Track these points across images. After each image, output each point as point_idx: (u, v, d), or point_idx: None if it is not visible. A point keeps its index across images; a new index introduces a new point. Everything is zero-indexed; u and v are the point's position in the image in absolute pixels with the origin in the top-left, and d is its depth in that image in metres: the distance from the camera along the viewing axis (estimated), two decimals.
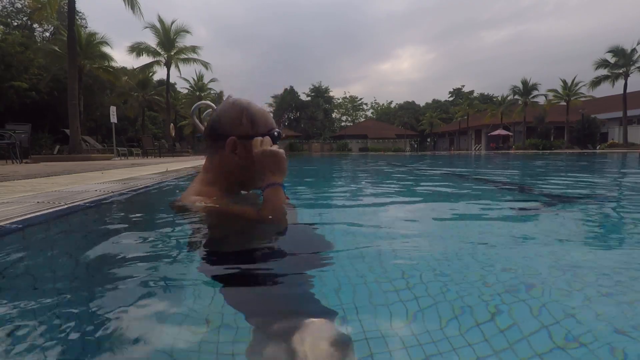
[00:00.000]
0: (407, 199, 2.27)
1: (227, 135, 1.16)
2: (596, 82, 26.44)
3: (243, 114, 1.19)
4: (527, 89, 31.17)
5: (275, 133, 1.19)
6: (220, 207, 1.13)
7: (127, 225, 1.33)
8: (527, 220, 1.52)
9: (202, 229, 1.10)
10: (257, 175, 1.19)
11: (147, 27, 20.56)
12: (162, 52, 21.56)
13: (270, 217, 1.08)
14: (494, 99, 45.01)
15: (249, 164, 1.16)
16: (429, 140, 50.14)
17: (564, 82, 29.24)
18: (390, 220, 1.52)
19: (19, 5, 23.88)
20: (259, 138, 1.15)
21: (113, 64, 19.74)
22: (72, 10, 10.33)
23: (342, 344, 0.52)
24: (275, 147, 1.15)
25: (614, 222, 1.51)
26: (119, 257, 0.91)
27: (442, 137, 49.14)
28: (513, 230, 1.32)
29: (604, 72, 25.97)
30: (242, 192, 1.32)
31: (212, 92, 32.03)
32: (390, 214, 1.68)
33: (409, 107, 55.90)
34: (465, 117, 38.93)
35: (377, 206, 1.92)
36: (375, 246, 1.05)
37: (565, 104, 29.54)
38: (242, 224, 1.12)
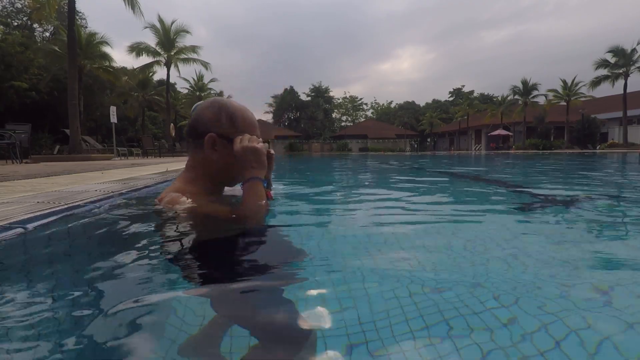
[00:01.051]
0: (404, 197, 2.27)
1: (206, 132, 1.17)
2: (596, 82, 26.43)
3: (222, 112, 1.20)
4: (527, 89, 31.18)
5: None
6: (191, 207, 1.13)
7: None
8: (527, 220, 1.52)
9: (174, 229, 1.08)
10: (238, 172, 1.20)
11: (147, 27, 20.59)
12: (162, 52, 21.57)
13: (244, 214, 1.10)
14: (494, 99, 45.03)
15: (229, 162, 1.18)
16: (429, 140, 50.16)
17: (564, 82, 29.24)
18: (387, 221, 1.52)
19: (19, 5, 23.91)
20: (241, 136, 1.17)
21: (113, 64, 19.76)
22: (72, 10, 10.33)
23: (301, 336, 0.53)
24: (255, 142, 1.16)
25: (616, 222, 1.51)
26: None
27: (442, 137, 49.14)
28: (512, 230, 1.32)
29: (604, 72, 25.97)
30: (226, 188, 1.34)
31: (212, 92, 32.02)
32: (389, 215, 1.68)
33: (409, 107, 55.92)
34: (465, 117, 38.94)
35: (374, 203, 1.92)
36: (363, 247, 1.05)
37: (565, 104, 29.54)
38: (216, 223, 1.11)
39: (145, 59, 21.80)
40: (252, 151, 1.14)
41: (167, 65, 21.72)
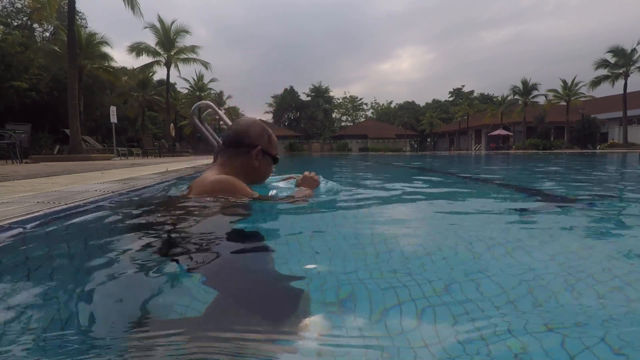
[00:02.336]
0: (403, 197, 2.27)
1: (253, 144, 1.52)
2: (596, 82, 26.43)
3: (264, 132, 1.58)
4: (527, 89, 31.16)
5: (278, 156, 1.66)
6: (261, 196, 1.46)
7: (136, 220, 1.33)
8: (527, 220, 1.52)
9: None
10: (265, 176, 1.65)
11: (147, 27, 20.61)
12: (162, 52, 21.57)
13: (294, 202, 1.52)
14: (494, 99, 45.00)
15: (263, 169, 1.58)
16: (429, 140, 50.14)
17: (564, 82, 29.23)
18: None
19: (19, 5, 23.90)
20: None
21: (113, 64, 19.76)
22: (72, 10, 10.33)
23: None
24: (314, 174, 1.74)
25: (617, 222, 1.51)
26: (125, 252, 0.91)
27: (442, 137, 49.14)
28: (512, 231, 1.32)
29: (604, 72, 25.96)
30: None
31: (212, 92, 32.03)
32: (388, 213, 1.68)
33: (409, 107, 55.89)
34: (465, 117, 38.93)
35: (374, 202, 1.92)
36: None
37: (565, 104, 29.53)
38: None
39: (145, 59, 21.84)
40: (311, 179, 1.72)
41: (167, 65, 21.72)
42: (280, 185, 1.80)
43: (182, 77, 29.51)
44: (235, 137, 1.55)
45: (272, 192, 1.63)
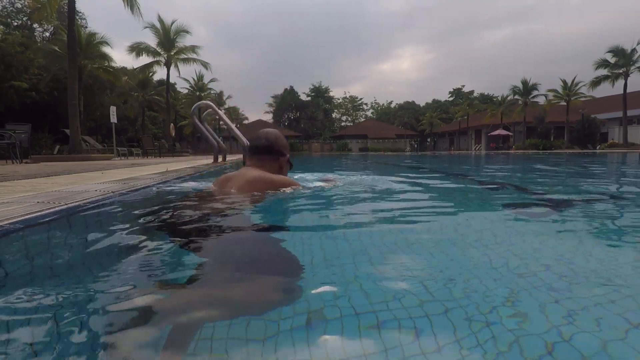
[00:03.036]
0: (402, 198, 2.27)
1: (283, 152, 2.00)
2: (596, 82, 26.39)
3: (287, 143, 2.06)
4: (527, 89, 31.12)
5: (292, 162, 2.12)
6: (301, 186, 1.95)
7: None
8: (527, 221, 1.52)
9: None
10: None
11: (147, 27, 20.59)
12: (162, 52, 21.55)
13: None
14: (494, 99, 44.94)
15: (284, 173, 2.03)
16: (429, 140, 50.10)
17: (564, 82, 29.20)
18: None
19: (19, 5, 23.89)
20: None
21: (113, 64, 19.73)
22: (72, 10, 10.32)
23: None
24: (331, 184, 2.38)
25: (616, 223, 1.51)
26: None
27: (442, 137, 49.10)
28: (512, 232, 1.32)
29: (604, 72, 25.92)
30: None
31: (212, 92, 32.01)
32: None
33: (409, 107, 55.84)
34: (465, 117, 38.88)
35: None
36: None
37: (565, 104, 29.49)
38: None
39: (145, 59, 21.82)
40: (329, 178, 2.52)
41: (167, 65, 21.70)
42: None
43: (182, 77, 29.51)
44: (269, 146, 1.97)
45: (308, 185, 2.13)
